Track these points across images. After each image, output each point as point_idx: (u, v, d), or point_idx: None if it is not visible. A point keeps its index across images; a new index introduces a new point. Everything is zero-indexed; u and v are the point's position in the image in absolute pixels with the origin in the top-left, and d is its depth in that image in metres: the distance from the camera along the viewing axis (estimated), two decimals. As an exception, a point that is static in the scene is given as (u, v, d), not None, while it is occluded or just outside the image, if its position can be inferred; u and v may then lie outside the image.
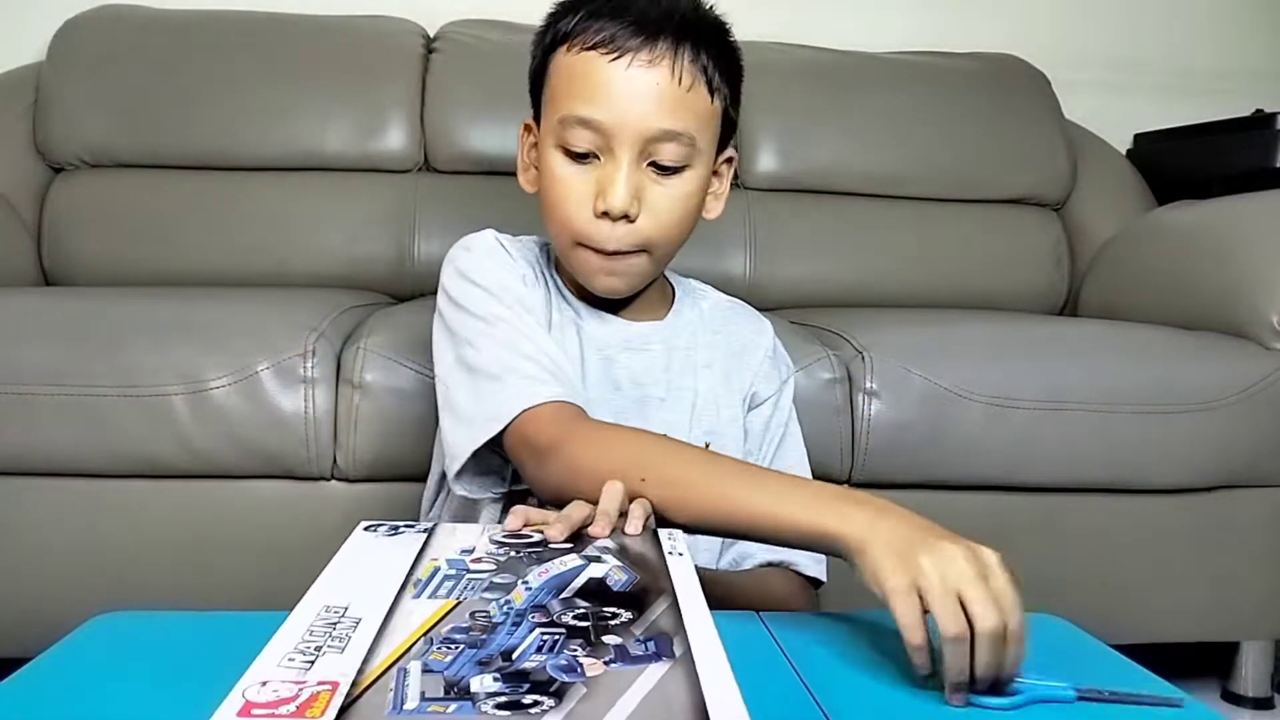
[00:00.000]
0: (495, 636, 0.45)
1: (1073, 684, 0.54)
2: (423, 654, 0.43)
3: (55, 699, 0.52)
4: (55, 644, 0.59)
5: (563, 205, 0.77)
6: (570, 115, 0.75)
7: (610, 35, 0.74)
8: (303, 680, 0.41)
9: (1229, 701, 1.32)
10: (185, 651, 0.59)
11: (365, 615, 0.47)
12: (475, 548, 0.57)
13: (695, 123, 0.76)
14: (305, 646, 0.45)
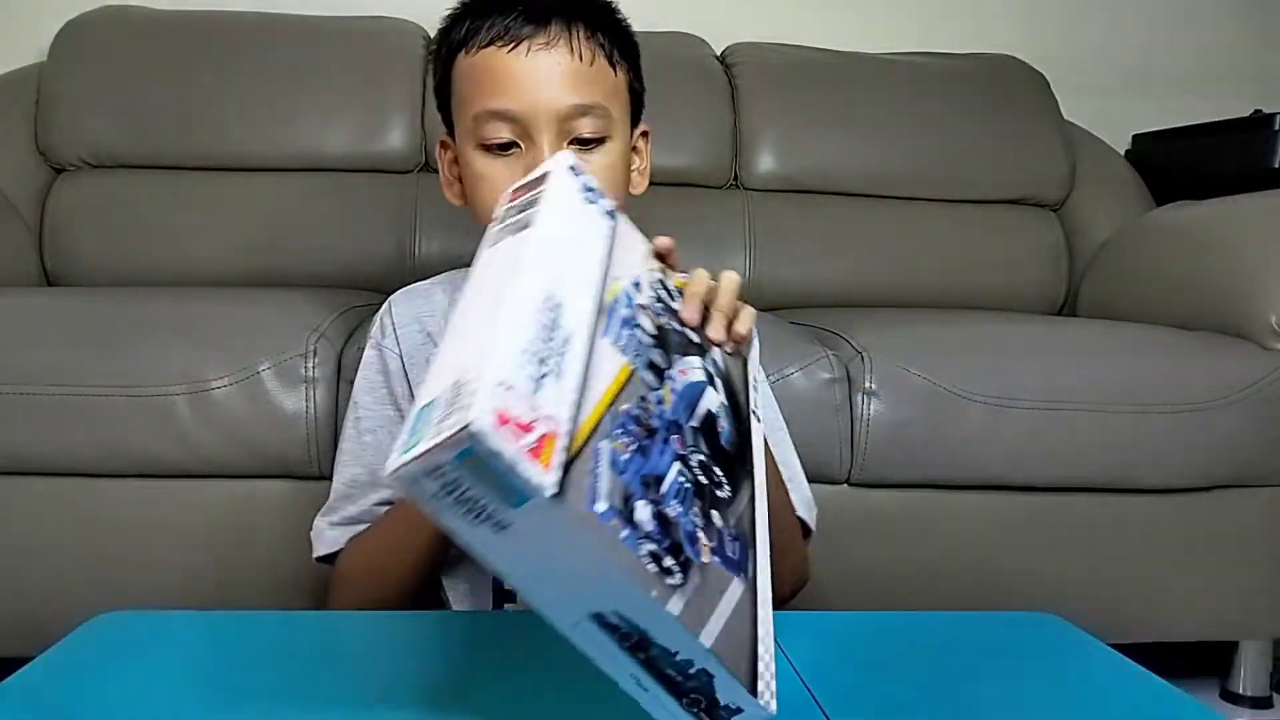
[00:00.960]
0: (653, 449, 0.46)
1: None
2: (609, 433, 0.44)
3: (55, 699, 0.52)
4: (55, 644, 0.59)
5: (490, 198, 0.77)
6: (483, 111, 0.77)
7: (504, 28, 0.76)
8: (535, 407, 0.40)
9: (1227, 701, 1.32)
10: (185, 651, 0.59)
11: (574, 335, 0.45)
12: (641, 283, 0.56)
13: (604, 94, 0.79)
14: (533, 351, 0.42)
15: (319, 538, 0.84)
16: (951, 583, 1.18)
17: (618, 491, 0.42)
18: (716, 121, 1.71)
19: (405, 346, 0.86)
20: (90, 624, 0.62)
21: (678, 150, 1.68)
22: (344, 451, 0.86)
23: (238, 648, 0.60)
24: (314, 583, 0.90)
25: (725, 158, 1.72)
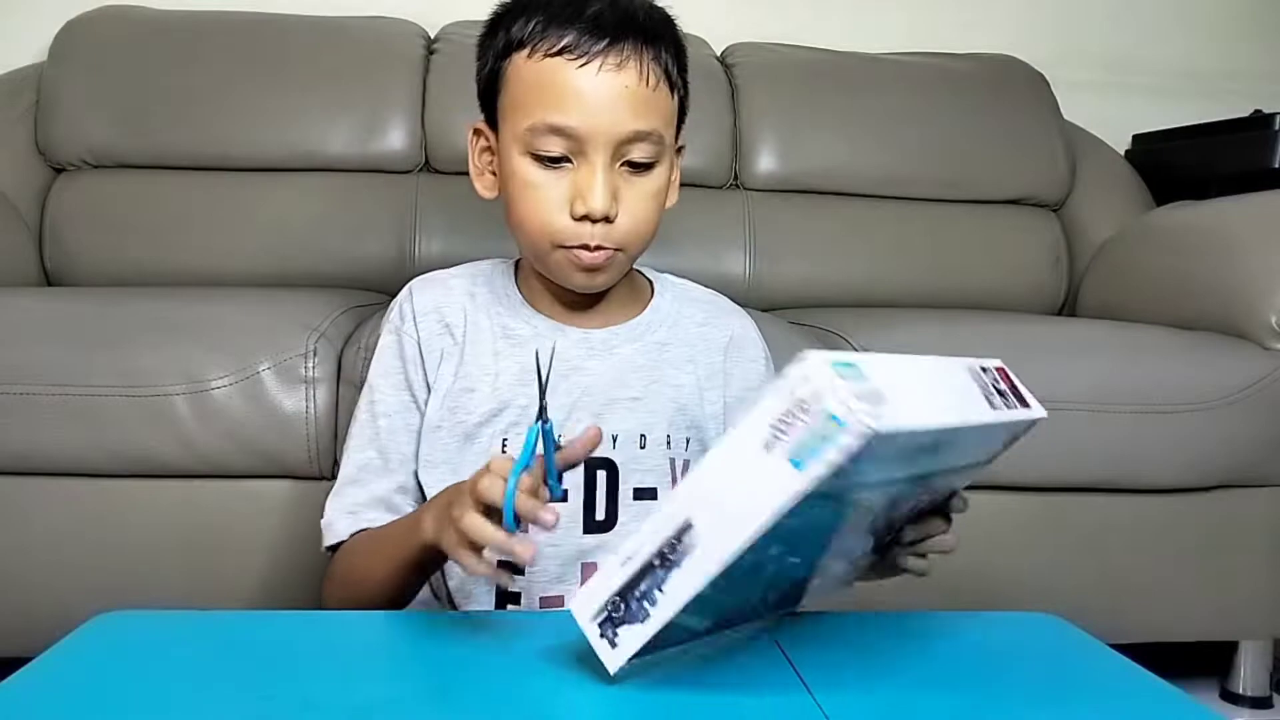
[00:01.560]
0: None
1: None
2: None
3: (55, 699, 0.52)
4: (55, 644, 0.59)
5: (538, 212, 0.78)
6: (541, 123, 0.75)
7: (575, 40, 0.74)
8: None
9: (1227, 701, 1.32)
10: (185, 651, 0.59)
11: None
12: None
13: (662, 121, 0.78)
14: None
15: (329, 528, 0.82)
16: (951, 583, 1.18)
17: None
18: (716, 121, 1.71)
19: (423, 334, 0.85)
20: (90, 624, 0.62)
21: (678, 150, 1.68)
22: (356, 435, 0.85)
23: (238, 648, 0.60)
24: (314, 582, 0.90)
25: (725, 158, 1.72)
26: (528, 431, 0.61)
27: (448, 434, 0.83)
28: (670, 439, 0.84)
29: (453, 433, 0.83)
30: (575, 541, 0.82)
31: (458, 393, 0.83)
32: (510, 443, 0.82)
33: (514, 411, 0.83)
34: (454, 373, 0.84)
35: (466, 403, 0.83)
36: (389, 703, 0.52)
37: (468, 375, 0.84)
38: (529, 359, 0.83)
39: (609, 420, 0.83)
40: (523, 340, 0.85)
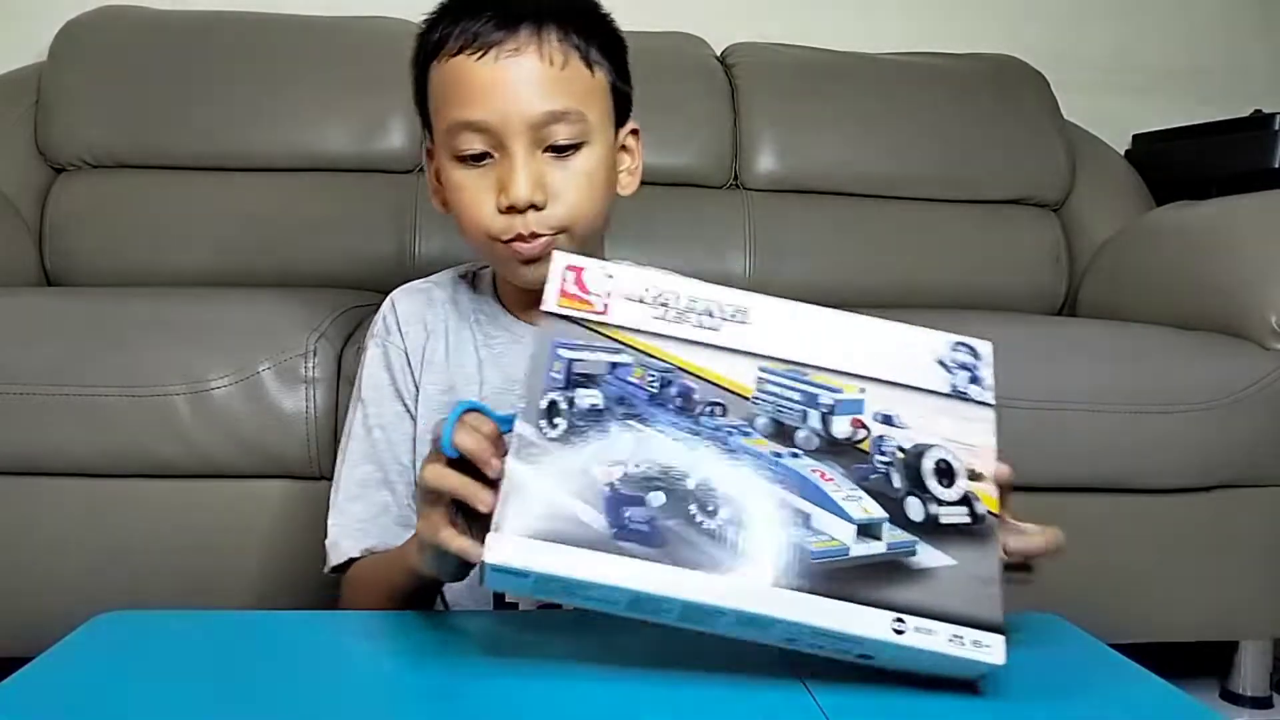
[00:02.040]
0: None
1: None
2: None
3: (55, 699, 0.52)
4: (55, 644, 0.59)
5: (470, 210, 0.77)
6: (455, 122, 0.75)
7: (473, 34, 0.75)
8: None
9: (1228, 700, 1.32)
10: (185, 651, 0.59)
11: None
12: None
13: (578, 99, 0.76)
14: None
15: (334, 547, 0.81)
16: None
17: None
18: (716, 121, 1.71)
19: (410, 344, 0.85)
20: (90, 624, 0.62)
21: (678, 150, 1.68)
22: (351, 451, 0.85)
23: (238, 648, 0.60)
24: (314, 582, 0.90)
25: (725, 158, 1.72)
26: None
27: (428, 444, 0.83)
28: None
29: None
30: None
31: (447, 403, 0.83)
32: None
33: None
34: (440, 381, 0.84)
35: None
36: (389, 703, 0.52)
37: (454, 385, 0.84)
38: (511, 366, 0.84)
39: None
40: (502, 346, 0.85)
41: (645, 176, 0.89)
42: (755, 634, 0.53)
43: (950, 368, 0.61)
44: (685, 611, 0.52)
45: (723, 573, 0.52)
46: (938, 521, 0.56)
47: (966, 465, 0.58)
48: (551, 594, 0.53)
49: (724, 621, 0.52)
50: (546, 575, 0.51)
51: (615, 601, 0.52)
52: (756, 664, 0.57)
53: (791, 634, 0.53)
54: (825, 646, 0.53)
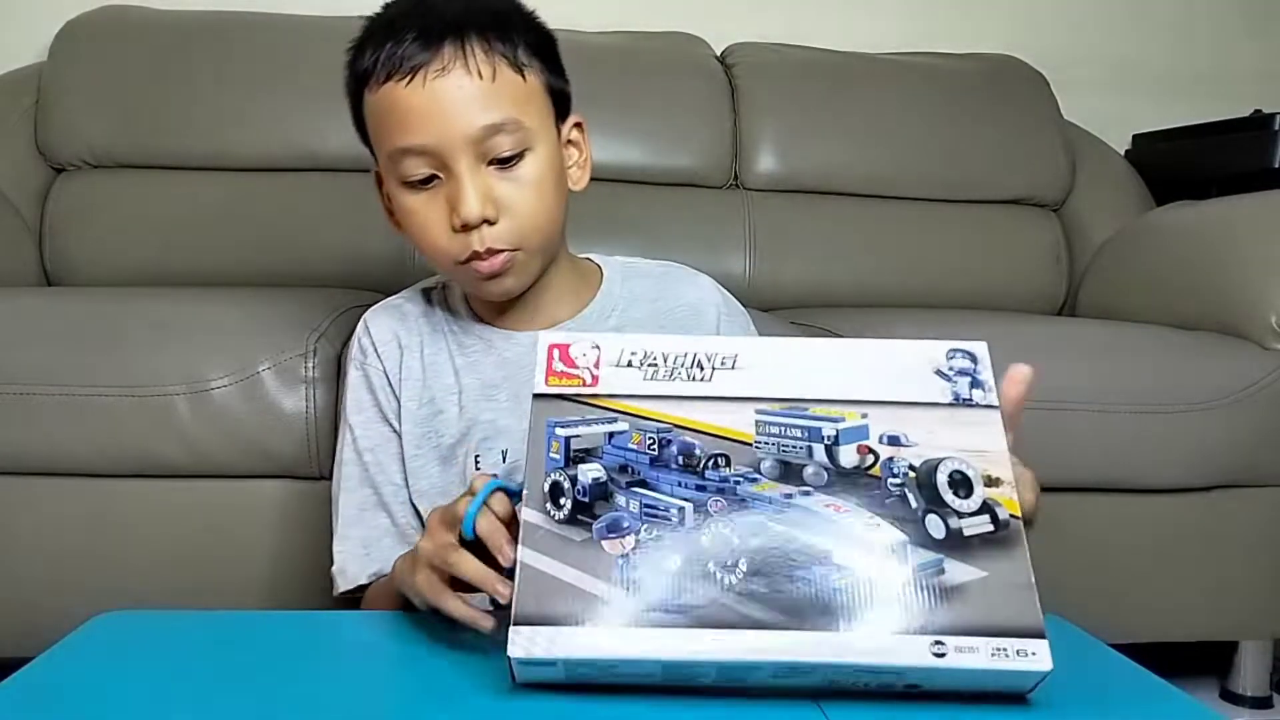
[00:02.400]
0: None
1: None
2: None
3: (55, 699, 0.52)
4: (55, 644, 0.59)
5: (425, 234, 0.77)
6: (395, 149, 0.75)
7: (398, 59, 0.74)
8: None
9: (1227, 700, 1.32)
10: (185, 651, 0.59)
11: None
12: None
13: (514, 107, 0.75)
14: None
15: (341, 574, 0.82)
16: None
17: None
18: (716, 121, 1.71)
19: (388, 363, 0.85)
20: (90, 624, 0.62)
21: (678, 150, 1.68)
22: (345, 477, 0.85)
23: (238, 648, 0.60)
24: (313, 582, 0.90)
25: (725, 158, 1.72)
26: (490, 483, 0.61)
27: (426, 459, 0.84)
28: None
29: (430, 458, 0.83)
30: None
31: (427, 417, 0.84)
32: (482, 459, 0.82)
33: (482, 427, 0.83)
34: (419, 396, 0.84)
35: (438, 425, 0.84)
36: (389, 703, 0.52)
37: (433, 398, 0.84)
38: (486, 372, 0.84)
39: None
40: (476, 354, 0.85)
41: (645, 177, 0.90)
42: (797, 681, 0.52)
43: (949, 375, 0.61)
44: (721, 672, 0.52)
45: (752, 627, 0.51)
46: (961, 535, 0.54)
47: (982, 472, 0.57)
48: (585, 676, 0.52)
49: (762, 674, 0.52)
50: (574, 660, 0.51)
51: (650, 673, 0.52)
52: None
53: (832, 676, 0.52)
54: (870, 682, 0.52)
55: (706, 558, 0.53)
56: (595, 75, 1.66)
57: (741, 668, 0.51)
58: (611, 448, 0.57)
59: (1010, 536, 0.55)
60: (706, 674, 0.52)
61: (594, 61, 1.67)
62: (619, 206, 1.64)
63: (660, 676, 0.52)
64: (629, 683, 0.52)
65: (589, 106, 0.87)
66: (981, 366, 0.62)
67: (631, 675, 0.52)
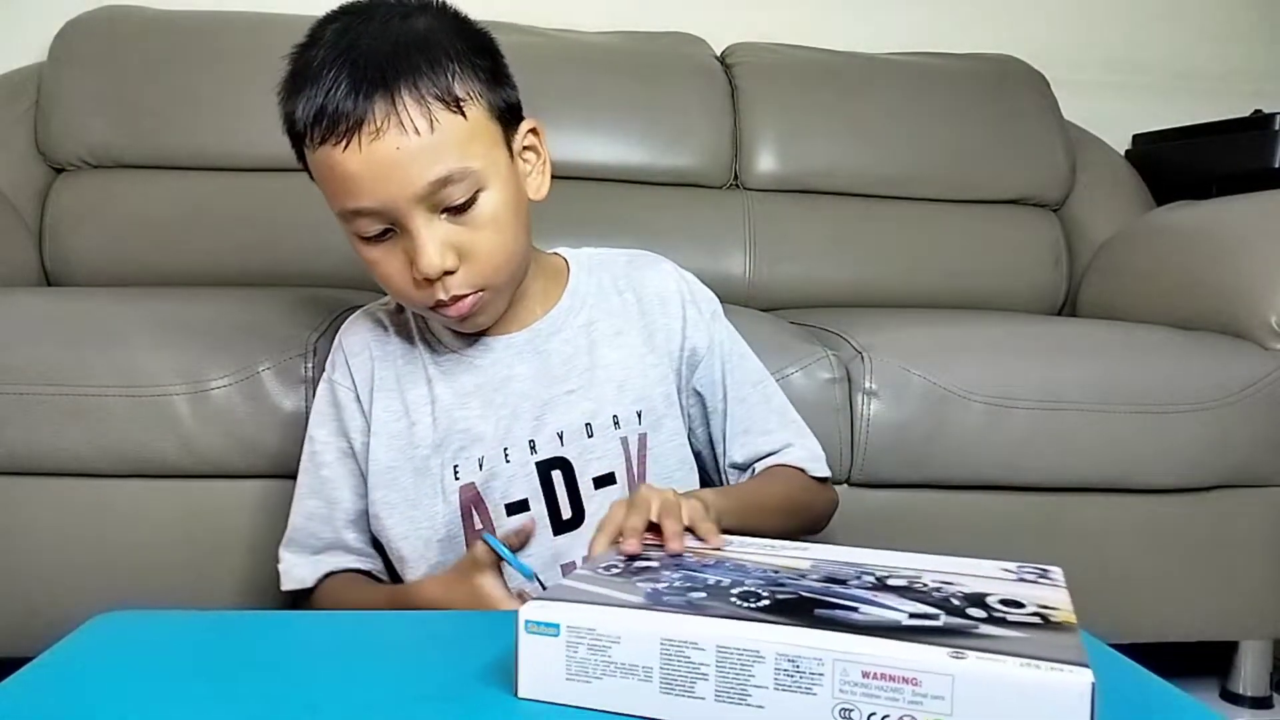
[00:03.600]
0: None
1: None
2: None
3: (55, 699, 0.52)
4: (55, 644, 0.59)
5: (389, 284, 0.78)
6: (344, 210, 0.74)
7: (330, 120, 0.70)
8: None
9: (1227, 700, 1.32)
10: (185, 651, 0.59)
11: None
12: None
13: (458, 154, 0.72)
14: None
15: (287, 574, 0.87)
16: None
17: None
18: (716, 121, 1.71)
19: (359, 376, 0.86)
20: (90, 624, 0.62)
21: (678, 150, 1.68)
22: (302, 485, 0.88)
23: (238, 648, 0.60)
24: (314, 583, 0.90)
25: (725, 158, 1.72)
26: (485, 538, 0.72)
27: (401, 472, 0.84)
28: (618, 419, 0.84)
29: (404, 468, 0.83)
30: (548, 545, 0.82)
31: (403, 429, 0.84)
32: (461, 467, 0.83)
33: (458, 436, 0.83)
34: (392, 406, 0.84)
35: (413, 436, 0.83)
36: (389, 703, 0.52)
37: (408, 410, 0.84)
38: (460, 381, 0.84)
39: (550, 419, 0.83)
40: (449, 364, 0.85)
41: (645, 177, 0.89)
42: (802, 691, 0.47)
43: (1017, 572, 0.61)
44: (721, 663, 0.49)
45: (762, 620, 0.50)
46: (1005, 620, 0.51)
47: (1038, 602, 0.54)
48: (584, 666, 0.51)
49: (765, 672, 0.48)
50: (577, 627, 0.50)
51: (648, 661, 0.49)
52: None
53: (844, 688, 0.47)
54: (886, 709, 0.46)
55: (731, 592, 0.54)
56: (595, 75, 1.66)
57: (744, 658, 0.48)
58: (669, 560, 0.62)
59: (1062, 626, 0.50)
60: (705, 673, 0.49)
61: (594, 61, 1.67)
62: (619, 206, 1.64)
63: (659, 666, 0.50)
64: (626, 679, 0.51)
65: (589, 106, 0.88)
66: (1055, 579, 0.61)
67: (629, 664, 0.50)
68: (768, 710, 0.48)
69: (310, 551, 0.87)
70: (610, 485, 0.83)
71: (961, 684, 0.45)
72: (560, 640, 0.51)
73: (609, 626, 0.50)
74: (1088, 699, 0.43)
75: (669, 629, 0.49)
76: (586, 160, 1.62)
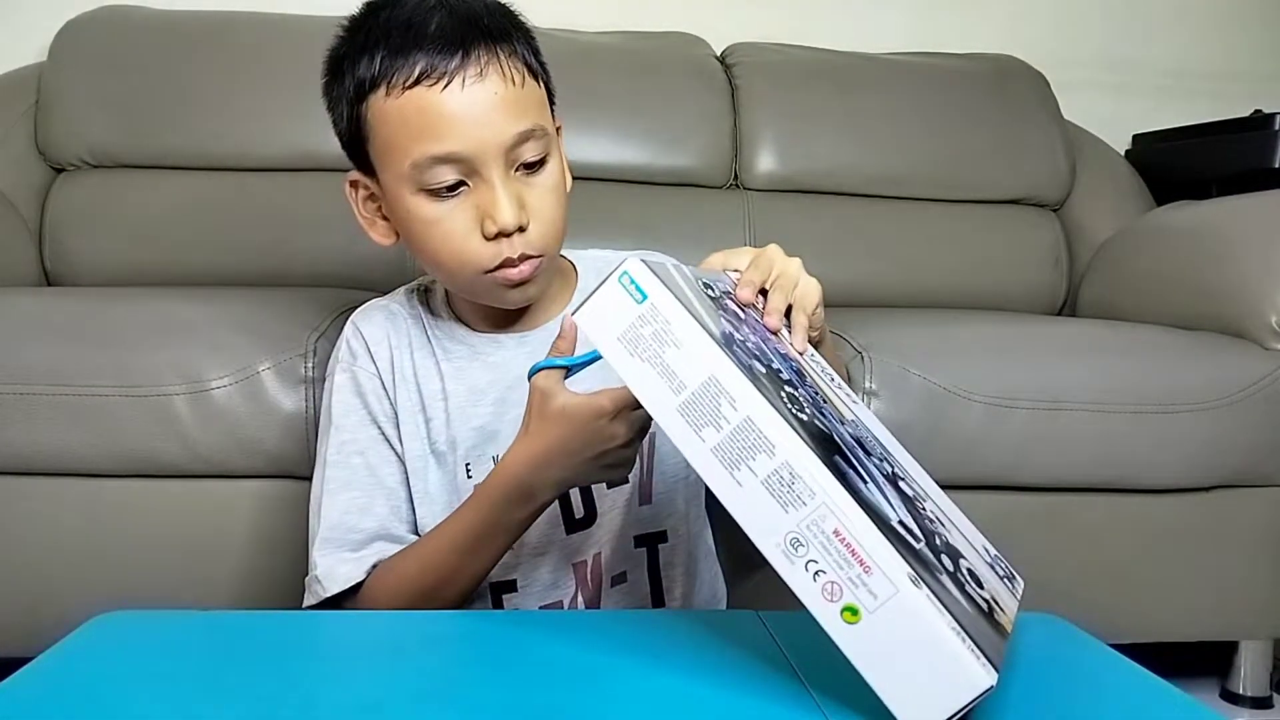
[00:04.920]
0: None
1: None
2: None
3: (55, 699, 0.52)
4: (55, 644, 0.59)
5: (450, 245, 0.75)
6: (423, 157, 0.72)
7: (428, 64, 0.71)
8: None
9: (1227, 700, 1.32)
10: (185, 651, 0.59)
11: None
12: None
13: (539, 113, 0.76)
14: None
15: (329, 576, 0.77)
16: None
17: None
18: (716, 121, 1.71)
19: (382, 364, 0.84)
20: (90, 624, 0.62)
21: (678, 150, 1.68)
22: (331, 480, 0.81)
23: (238, 648, 0.60)
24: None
25: (725, 158, 1.72)
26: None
27: (426, 461, 0.82)
28: None
29: (430, 461, 0.82)
30: (560, 545, 0.82)
31: (420, 422, 0.83)
32: (473, 466, 0.82)
33: (471, 435, 0.82)
34: (411, 397, 0.83)
35: (429, 431, 0.83)
36: (389, 703, 0.52)
37: (424, 404, 0.83)
38: (473, 379, 0.83)
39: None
40: (462, 360, 0.84)
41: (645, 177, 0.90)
42: (779, 501, 0.49)
43: (993, 561, 0.62)
44: (739, 430, 0.50)
45: (792, 421, 0.51)
46: (963, 587, 0.53)
47: (994, 594, 0.56)
48: (637, 341, 0.52)
49: (765, 465, 0.49)
50: (657, 311, 0.52)
51: (685, 383, 0.51)
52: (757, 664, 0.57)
53: (810, 526, 0.49)
54: (825, 566, 0.49)
55: (784, 388, 0.55)
56: (595, 75, 1.66)
57: (756, 443, 0.49)
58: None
59: (999, 627, 0.53)
60: (726, 424, 0.50)
61: (594, 61, 1.67)
62: (619, 206, 1.64)
63: (692, 391, 0.51)
64: (660, 378, 0.52)
65: (589, 106, 0.88)
66: (1018, 584, 0.63)
67: (671, 370, 0.51)
68: (743, 492, 0.50)
69: (350, 549, 0.78)
70: (622, 485, 0.83)
71: (898, 600, 0.47)
72: (638, 307, 0.52)
73: (681, 333, 0.51)
74: (974, 695, 0.46)
75: (723, 373, 0.51)
76: (586, 160, 1.62)
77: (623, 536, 0.83)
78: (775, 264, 0.69)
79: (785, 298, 0.67)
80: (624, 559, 0.84)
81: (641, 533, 0.84)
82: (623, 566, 0.84)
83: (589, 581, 0.82)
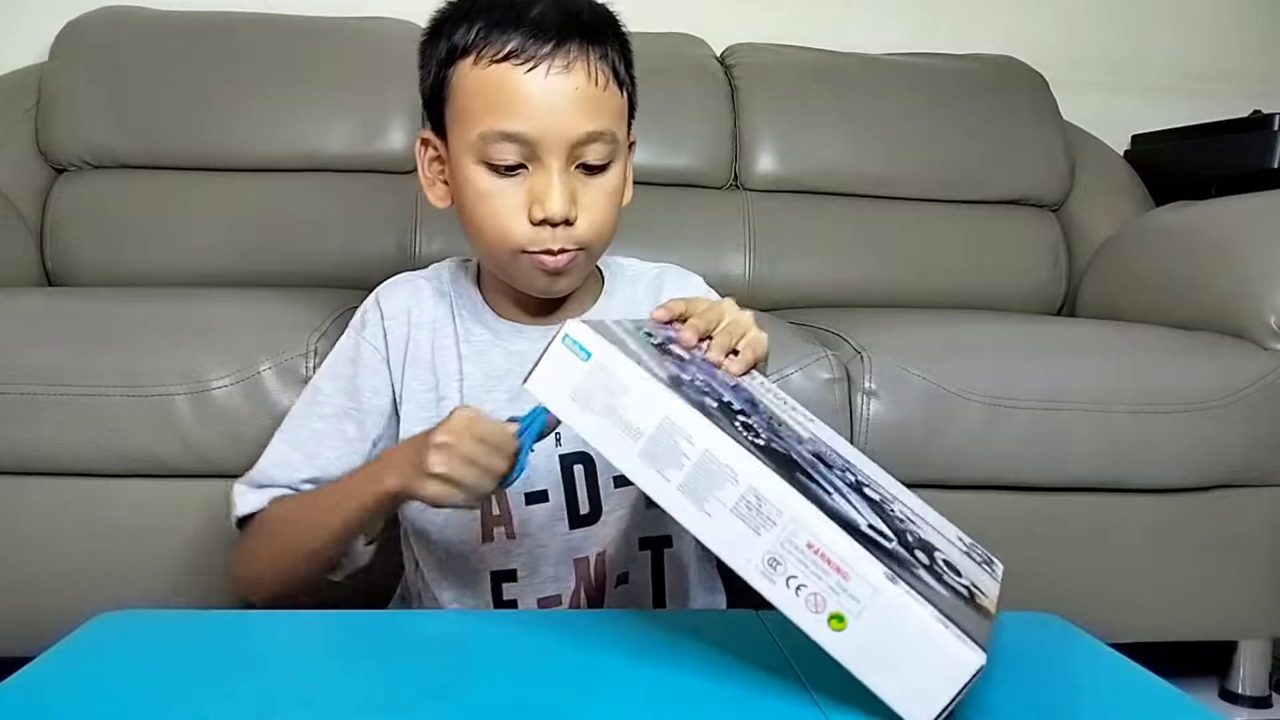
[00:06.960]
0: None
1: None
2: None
3: (55, 699, 0.52)
4: (55, 644, 0.59)
5: (496, 219, 0.76)
6: (492, 130, 0.74)
7: (520, 44, 0.73)
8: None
9: (1227, 700, 1.32)
10: (185, 651, 0.59)
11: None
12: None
13: (613, 120, 0.77)
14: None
15: (242, 499, 0.81)
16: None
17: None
18: (716, 121, 1.71)
19: (392, 340, 0.84)
20: (90, 624, 0.62)
21: (678, 150, 1.68)
22: (285, 429, 0.83)
23: (238, 648, 0.60)
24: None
25: (725, 158, 1.72)
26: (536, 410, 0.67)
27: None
28: None
29: None
30: (563, 539, 0.82)
31: (432, 401, 0.83)
32: None
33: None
34: (424, 379, 0.83)
35: (440, 411, 0.82)
36: (389, 703, 0.52)
37: (438, 383, 0.83)
38: (492, 364, 0.84)
39: None
40: (483, 344, 0.84)
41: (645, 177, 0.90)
42: (750, 526, 0.51)
43: (968, 549, 0.63)
44: (701, 464, 0.51)
45: (750, 448, 0.52)
46: (941, 577, 0.54)
47: (973, 580, 0.58)
48: (590, 397, 0.54)
49: (731, 494, 0.51)
50: (605, 366, 0.53)
51: (642, 429, 0.52)
52: (757, 664, 0.57)
53: (784, 543, 0.50)
54: (806, 580, 0.50)
55: (737, 418, 0.56)
56: (595, 75, 1.66)
57: (717, 475, 0.51)
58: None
59: (981, 610, 0.55)
60: (688, 460, 0.52)
61: (594, 61, 1.67)
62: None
63: (649, 436, 0.53)
64: (617, 429, 0.53)
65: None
66: (997, 567, 0.66)
67: (627, 419, 0.53)
68: (714, 522, 0.52)
69: (269, 484, 0.82)
70: (629, 485, 0.83)
71: (879, 600, 0.49)
72: (584, 365, 0.54)
73: (629, 382, 0.53)
74: (966, 677, 0.47)
75: (676, 413, 0.52)
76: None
77: (627, 537, 0.83)
78: (726, 315, 0.69)
79: (731, 340, 0.67)
80: (628, 560, 0.84)
81: (646, 535, 0.84)
82: (626, 567, 0.84)
83: (591, 579, 0.83)
